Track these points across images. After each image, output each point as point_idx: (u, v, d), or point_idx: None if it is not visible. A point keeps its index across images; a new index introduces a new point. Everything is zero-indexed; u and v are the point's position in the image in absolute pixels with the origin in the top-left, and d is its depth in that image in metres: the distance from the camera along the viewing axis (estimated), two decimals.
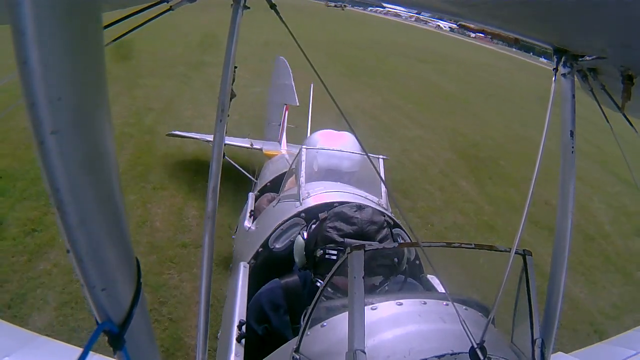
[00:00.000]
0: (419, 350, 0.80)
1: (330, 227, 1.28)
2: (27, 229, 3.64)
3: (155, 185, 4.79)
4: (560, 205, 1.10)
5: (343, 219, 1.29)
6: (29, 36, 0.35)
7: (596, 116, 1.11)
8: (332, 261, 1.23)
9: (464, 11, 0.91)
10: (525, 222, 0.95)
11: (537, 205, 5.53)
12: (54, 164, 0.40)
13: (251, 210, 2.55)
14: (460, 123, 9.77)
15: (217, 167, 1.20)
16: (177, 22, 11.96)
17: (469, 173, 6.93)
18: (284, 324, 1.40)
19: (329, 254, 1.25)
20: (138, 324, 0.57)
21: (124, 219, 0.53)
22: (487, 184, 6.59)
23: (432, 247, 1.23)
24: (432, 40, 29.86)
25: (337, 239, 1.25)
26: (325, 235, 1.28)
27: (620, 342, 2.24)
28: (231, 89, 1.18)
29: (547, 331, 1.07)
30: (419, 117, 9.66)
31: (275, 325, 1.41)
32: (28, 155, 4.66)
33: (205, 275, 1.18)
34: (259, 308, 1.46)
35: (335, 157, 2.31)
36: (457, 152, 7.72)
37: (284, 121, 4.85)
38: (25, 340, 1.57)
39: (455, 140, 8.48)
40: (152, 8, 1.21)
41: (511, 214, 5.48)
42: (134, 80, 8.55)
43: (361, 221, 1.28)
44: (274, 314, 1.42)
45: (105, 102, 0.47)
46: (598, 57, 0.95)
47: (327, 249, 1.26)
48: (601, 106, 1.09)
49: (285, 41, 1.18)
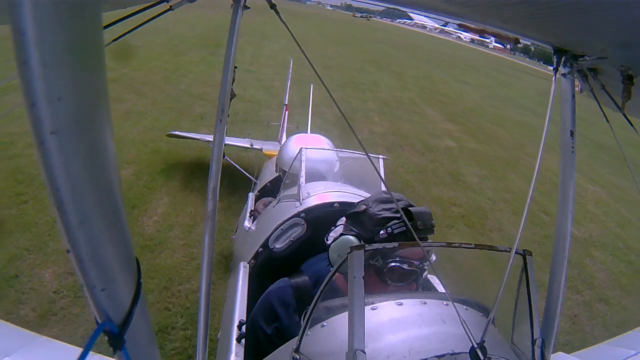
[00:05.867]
0: (419, 351, 0.80)
1: (380, 211, 1.30)
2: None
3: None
4: (560, 205, 1.10)
5: (384, 201, 1.32)
6: (29, 36, 0.35)
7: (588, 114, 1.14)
8: (403, 233, 1.24)
9: (464, 11, 0.91)
10: (525, 222, 0.95)
11: (533, 214, 5.74)
12: (54, 164, 0.40)
13: (251, 210, 2.55)
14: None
15: (217, 167, 1.20)
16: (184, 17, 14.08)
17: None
18: (294, 323, 1.39)
19: (395, 229, 1.26)
20: (138, 324, 0.57)
21: (124, 219, 0.53)
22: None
23: (432, 247, 1.24)
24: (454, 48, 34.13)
25: (396, 216, 1.27)
26: (382, 218, 1.28)
27: (621, 342, 2.24)
28: (231, 89, 1.18)
29: (547, 331, 1.07)
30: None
31: (285, 324, 1.39)
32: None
33: (205, 275, 1.18)
34: (269, 307, 1.44)
35: (310, 161, 2.29)
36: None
37: (284, 121, 4.86)
38: (25, 340, 1.57)
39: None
40: (152, 8, 1.21)
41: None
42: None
43: (401, 197, 1.32)
44: (285, 313, 1.41)
45: (106, 102, 0.47)
46: (598, 57, 0.95)
47: (390, 227, 1.26)
48: (601, 106, 1.09)
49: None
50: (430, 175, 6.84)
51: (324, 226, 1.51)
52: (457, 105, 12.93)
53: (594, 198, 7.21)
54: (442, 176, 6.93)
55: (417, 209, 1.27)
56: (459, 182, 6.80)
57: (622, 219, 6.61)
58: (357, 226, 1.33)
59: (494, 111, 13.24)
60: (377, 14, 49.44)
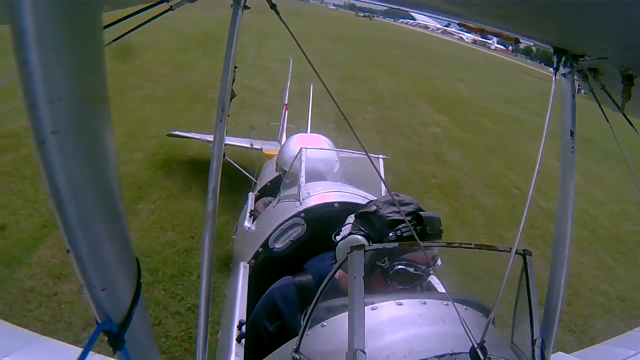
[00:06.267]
0: (419, 351, 0.80)
1: (390, 213, 1.29)
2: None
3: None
4: (560, 205, 1.10)
5: (394, 203, 1.31)
6: (29, 36, 0.35)
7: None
8: (411, 235, 1.24)
9: (464, 11, 0.91)
10: (525, 222, 0.95)
11: (506, 188, 6.62)
12: (54, 164, 0.40)
13: (251, 210, 2.55)
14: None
15: (217, 167, 1.20)
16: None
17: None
18: (296, 321, 1.39)
19: (405, 232, 1.25)
20: (138, 324, 0.57)
21: (124, 219, 0.53)
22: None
23: (432, 247, 1.23)
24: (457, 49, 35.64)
25: (405, 218, 1.26)
26: (392, 220, 1.28)
27: (621, 342, 2.24)
28: (231, 89, 1.18)
29: (547, 331, 1.07)
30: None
31: (289, 322, 1.40)
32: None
33: (205, 275, 1.18)
34: (272, 304, 1.44)
35: (310, 161, 2.29)
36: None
37: (284, 121, 4.85)
38: (25, 340, 1.57)
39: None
40: (152, 8, 1.21)
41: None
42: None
43: (411, 200, 1.31)
44: (288, 310, 1.41)
45: (106, 102, 0.47)
46: (598, 57, 0.95)
47: (400, 230, 1.26)
48: (601, 106, 1.09)
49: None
50: (414, 155, 7.54)
51: (324, 226, 1.51)
52: (449, 99, 13.55)
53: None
54: (425, 156, 7.64)
55: (427, 214, 1.26)
56: (440, 161, 7.55)
57: (595, 200, 7.06)
58: (366, 226, 1.33)
59: (484, 105, 13.84)
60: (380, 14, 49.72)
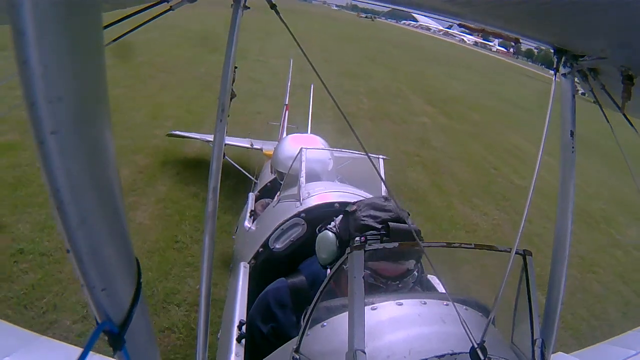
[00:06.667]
0: (419, 350, 0.80)
1: (366, 216, 1.27)
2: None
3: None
4: (560, 205, 1.10)
5: (376, 207, 1.28)
6: (29, 36, 0.35)
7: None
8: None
9: (464, 11, 0.91)
10: (525, 222, 0.95)
11: (485, 169, 7.63)
12: (54, 164, 0.40)
13: (251, 210, 2.55)
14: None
15: (217, 167, 1.20)
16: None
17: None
18: (290, 323, 1.39)
19: (370, 239, 1.23)
20: (138, 324, 0.57)
21: (124, 219, 0.53)
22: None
23: (432, 247, 1.23)
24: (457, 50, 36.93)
25: (377, 226, 1.24)
26: (363, 224, 1.25)
27: (621, 342, 2.24)
28: (231, 89, 1.18)
29: (547, 331, 1.07)
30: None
31: (282, 324, 1.40)
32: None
33: (205, 275, 1.18)
34: (266, 306, 1.45)
35: (306, 161, 2.29)
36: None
37: (284, 121, 4.85)
38: (25, 340, 1.57)
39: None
40: (152, 8, 1.21)
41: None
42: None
43: (395, 207, 1.27)
44: (281, 313, 1.41)
45: (106, 102, 0.47)
46: (598, 57, 0.95)
47: (365, 236, 1.23)
48: (601, 106, 1.09)
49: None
50: (402, 138, 8.58)
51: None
52: (441, 94, 14.40)
53: (547, 166, 7.90)
54: (412, 140, 8.67)
55: (397, 226, 1.21)
56: (425, 144, 8.58)
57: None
58: (342, 225, 1.33)
59: (475, 101, 14.57)
60: (382, 15, 49.92)
